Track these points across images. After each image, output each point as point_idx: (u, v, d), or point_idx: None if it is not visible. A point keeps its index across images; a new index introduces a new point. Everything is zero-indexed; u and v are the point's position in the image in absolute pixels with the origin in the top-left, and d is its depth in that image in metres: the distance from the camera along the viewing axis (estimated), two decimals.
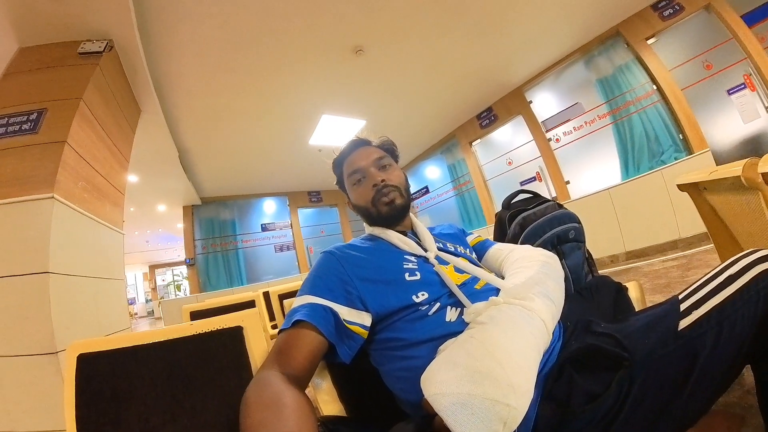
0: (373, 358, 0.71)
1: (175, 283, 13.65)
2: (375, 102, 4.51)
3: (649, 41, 3.90)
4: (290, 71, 3.47)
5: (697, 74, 3.67)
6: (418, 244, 0.81)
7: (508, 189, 5.39)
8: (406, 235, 0.83)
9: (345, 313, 0.66)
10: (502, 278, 0.78)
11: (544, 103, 4.88)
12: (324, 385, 0.75)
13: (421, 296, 0.68)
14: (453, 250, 0.86)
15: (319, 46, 3.21)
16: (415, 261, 0.76)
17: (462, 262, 0.77)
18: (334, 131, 4.89)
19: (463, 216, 6.23)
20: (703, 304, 0.54)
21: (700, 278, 0.60)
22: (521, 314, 0.54)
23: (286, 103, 4.03)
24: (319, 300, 0.67)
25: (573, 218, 1.14)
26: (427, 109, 5.12)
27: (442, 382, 0.42)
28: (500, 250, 0.92)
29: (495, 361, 0.43)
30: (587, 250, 1.19)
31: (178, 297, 9.24)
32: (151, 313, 13.15)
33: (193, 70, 3.17)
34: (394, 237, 0.81)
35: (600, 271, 1.21)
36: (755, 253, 0.56)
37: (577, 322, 0.68)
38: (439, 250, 0.81)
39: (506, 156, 5.46)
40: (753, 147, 3.42)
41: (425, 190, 7.04)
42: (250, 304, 2.25)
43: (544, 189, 4.92)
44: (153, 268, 15.06)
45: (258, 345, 0.69)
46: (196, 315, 2.09)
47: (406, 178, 0.91)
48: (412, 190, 7.15)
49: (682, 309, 0.56)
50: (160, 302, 8.08)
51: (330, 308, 0.66)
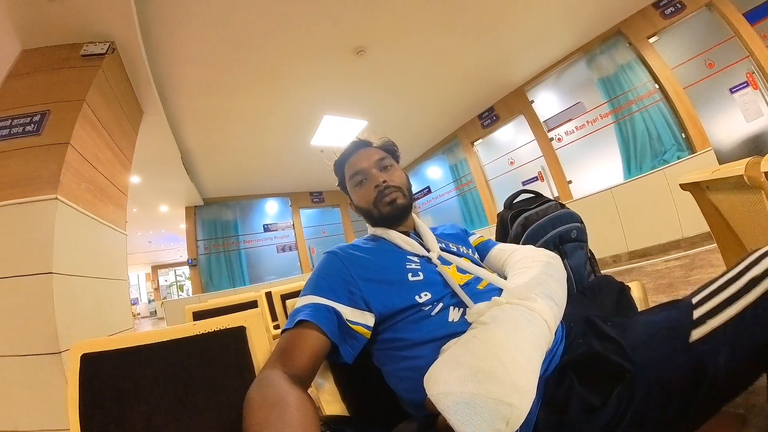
0: (376, 358, 0.71)
1: (178, 284, 13.71)
2: (376, 102, 4.51)
3: (651, 40, 3.88)
4: (292, 72, 3.47)
5: (700, 73, 3.65)
6: (421, 245, 0.81)
7: (510, 189, 5.37)
8: (408, 236, 0.83)
9: (348, 313, 0.66)
10: (505, 278, 0.78)
11: (546, 102, 4.87)
12: (326, 385, 0.75)
13: (424, 296, 0.68)
14: (455, 250, 0.86)
15: (321, 47, 3.21)
16: (418, 261, 0.76)
17: (464, 263, 0.77)
18: (336, 132, 4.89)
19: (465, 216, 6.22)
20: (720, 312, 0.49)
21: (717, 278, 0.54)
22: (524, 314, 0.54)
23: (288, 103, 4.04)
24: (323, 300, 0.67)
25: (575, 218, 1.14)
26: (429, 109, 5.11)
27: (446, 381, 0.42)
28: (503, 251, 0.91)
29: (498, 361, 0.43)
30: (590, 250, 1.18)
31: (180, 297, 9.28)
32: (153, 314, 13.19)
33: (195, 72, 3.18)
34: (396, 237, 0.81)
35: (603, 271, 1.20)
36: None
37: (583, 320, 0.68)
38: (442, 250, 0.81)
39: (508, 156, 5.45)
40: (756, 145, 3.40)
41: (427, 191, 7.03)
42: (253, 305, 2.25)
43: (546, 189, 4.91)
44: (156, 268, 15.12)
45: (261, 345, 0.69)
46: (198, 315, 2.09)
47: (407, 179, 0.91)
48: (414, 191, 7.12)
49: (695, 316, 0.51)
50: (162, 303, 8.10)
51: (333, 308, 0.66)
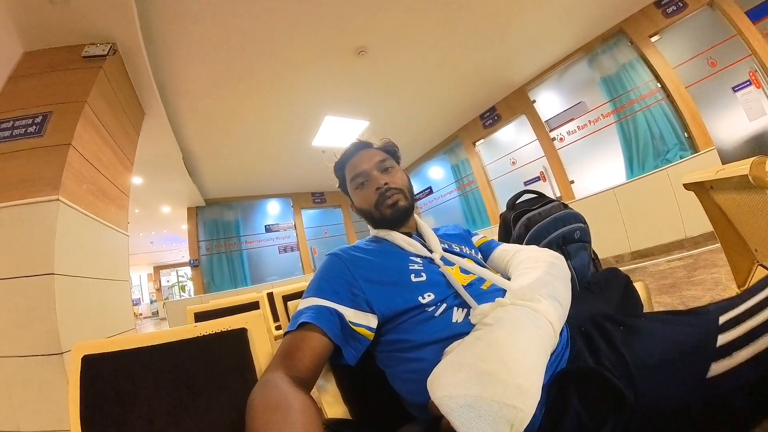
0: (380, 360, 0.71)
1: (180, 284, 13.73)
2: (378, 103, 4.51)
3: (653, 39, 3.87)
4: (293, 73, 3.47)
5: (702, 72, 3.64)
6: (423, 245, 0.81)
7: (512, 189, 5.37)
8: (410, 237, 0.83)
9: (351, 315, 0.66)
10: (508, 279, 0.77)
11: (548, 102, 4.86)
12: (328, 388, 0.75)
13: (428, 297, 0.68)
14: (458, 250, 0.85)
15: (322, 48, 3.21)
16: (421, 262, 0.76)
17: (467, 263, 0.76)
18: (337, 132, 4.89)
19: (467, 216, 6.21)
20: (750, 343, 0.41)
21: (745, 297, 0.46)
22: (528, 316, 0.53)
23: (289, 104, 4.04)
24: (325, 302, 0.66)
25: (578, 218, 1.13)
26: (430, 110, 5.11)
27: (449, 384, 0.41)
28: (506, 251, 0.91)
29: (502, 363, 0.43)
30: (593, 251, 1.18)
31: (182, 298, 9.29)
32: (155, 314, 13.23)
33: (197, 73, 3.18)
34: (398, 239, 0.81)
35: None
36: None
37: (591, 320, 0.67)
38: (445, 251, 0.81)
39: (510, 156, 5.44)
40: (759, 144, 3.38)
41: (429, 191, 7.03)
42: (254, 305, 2.25)
43: (549, 189, 4.90)
44: (157, 269, 15.17)
45: (262, 347, 0.69)
46: (200, 316, 2.09)
47: (408, 180, 0.91)
48: (416, 191, 7.18)
49: (719, 343, 0.44)
50: (164, 303, 8.11)
51: (336, 310, 0.65)
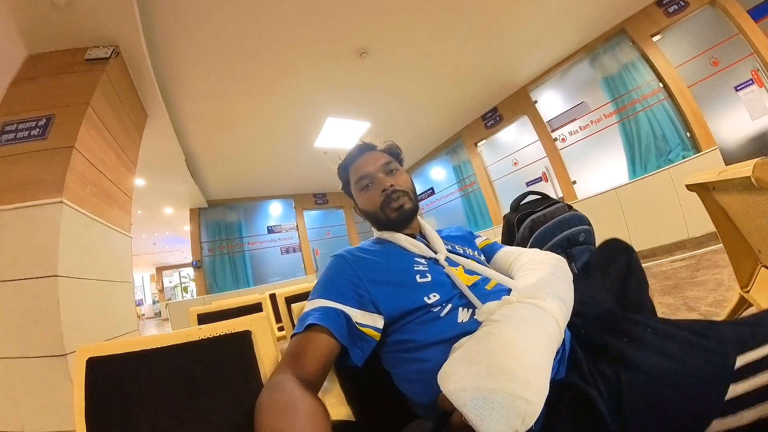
0: (385, 361, 0.71)
1: (182, 285, 13.75)
2: (379, 104, 4.51)
3: (655, 38, 3.86)
4: (295, 74, 3.47)
5: (704, 71, 3.62)
6: (427, 246, 0.81)
7: (514, 190, 5.37)
8: (415, 238, 0.84)
9: (357, 315, 0.67)
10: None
11: (550, 102, 4.85)
12: (332, 389, 0.75)
13: (433, 297, 0.68)
14: (462, 252, 0.86)
15: (324, 49, 3.22)
16: (426, 263, 0.76)
17: (472, 263, 0.77)
18: (339, 133, 4.89)
19: (469, 217, 6.20)
20: (760, 404, 0.39)
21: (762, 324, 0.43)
22: (535, 313, 0.54)
23: (291, 105, 4.04)
24: (332, 303, 0.67)
25: (583, 220, 1.13)
26: (432, 110, 5.11)
27: (462, 377, 0.42)
28: (509, 254, 0.91)
29: (512, 357, 0.43)
30: None
31: (185, 299, 9.30)
32: (158, 315, 13.26)
33: (199, 75, 3.19)
34: (403, 240, 0.82)
35: None
36: None
37: (595, 319, 0.66)
38: (449, 252, 0.81)
39: (512, 156, 5.43)
40: (761, 144, 3.36)
41: (431, 192, 7.02)
42: (257, 307, 2.25)
43: (551, 189, 4.88)
44: (160, 269, 15.20)
45: (266, 349, 0.69)
46: (203, 317, 2.09)
47: (412, 182, 0.91)
48: (418, 192, 7.08)
49: (728, 395, 0.42)
50: (167, 304, 8.13)
51: (342, 311, 0.66)
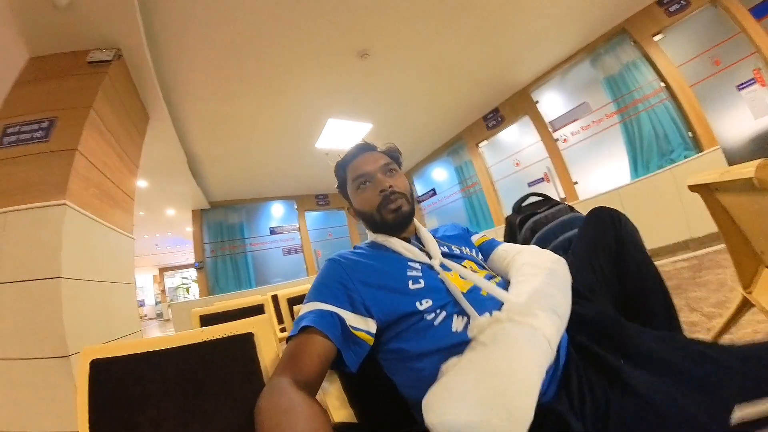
0: (387, 369, 0.71)
1: (184, 286, 13.75)
2: (381, 105, 4.51)
3: (656, 38, 3.85)
4: (296, 76, 3.48)
5: (706, 70, 3.61)
6: (422, 251, 0.80)
7: (515, 190, 5.36)
8: (409, 242, 0.83)
9: (351, 318, 0.67)
10: (508, 282, 0.77)
11: (551, 103, 4.84)
12: (334, 391, 0.76)
13: (426, 303, 0.68)
14: (458, 252, 0.85)
15: (325, 51, 3.22)
16: (419, 268, 0.75)
17: (466, 270, 0.75)
18: (341, 135, 4.90)
19: (471, 218, 6.20)
20: None
21: None
22: (524, 334, 0.52)
23: (293, 107, 4.05)
24: (326, 306, 0.67)
25: None
26: (433, 111, 5.11)
27: (444, 411, 0.42)
28: (506, 251, 0.89)
29: (494, 390, 0.43)
30: None
31: (187, 299, 9.31)
32: (160, 315, 13.28)
33: (201, 77, 3.20)
34: (397, 244, 0.81)
35: None
36: None
37: (590, 327, 0.65)
38: (444, 255, 0.80)
39: (513, 157, 5.42)
40: (764, 143, 3.34)
41: (432, 192, 7.01)
42: (259, 308, 2.26)
43: (552, 190, 4.88)
44: (162, 270, 15.23)
45: (269, 351, 0.69)
46: (205, 319, 2.10)
47: (410, 186, 0.90)
48: (419, 193, 7.21)
49: (734, 419, 0.42)
50: (169, 305, 8.14)
51: (336, 314, 0.66)
